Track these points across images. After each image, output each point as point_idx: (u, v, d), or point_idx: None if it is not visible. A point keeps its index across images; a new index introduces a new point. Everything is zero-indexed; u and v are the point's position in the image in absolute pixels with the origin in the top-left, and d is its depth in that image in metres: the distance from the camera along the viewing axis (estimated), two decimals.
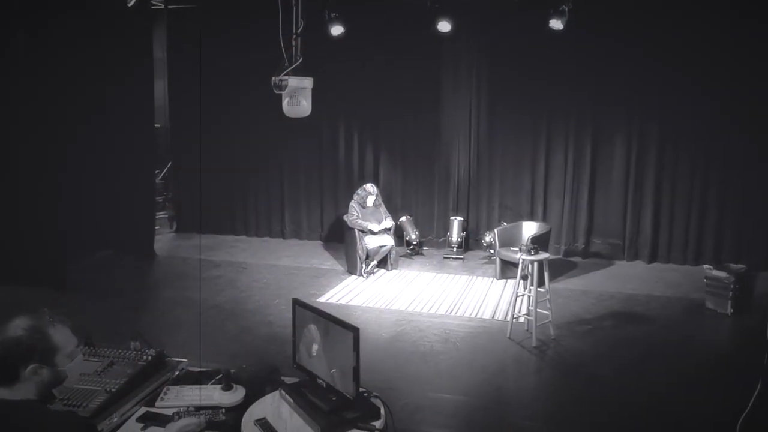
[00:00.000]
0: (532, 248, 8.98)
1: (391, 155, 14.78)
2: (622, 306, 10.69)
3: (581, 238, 13.75)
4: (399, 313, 10.37)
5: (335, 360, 4.32)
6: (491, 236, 13.07)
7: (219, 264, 13.23)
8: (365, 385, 4.44)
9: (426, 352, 8.72)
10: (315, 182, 15.33)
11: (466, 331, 9.51)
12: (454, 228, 13.83)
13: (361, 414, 4.18)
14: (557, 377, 8.12)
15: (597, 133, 13.43)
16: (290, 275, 12.46)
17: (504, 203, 14.19)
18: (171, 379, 4.85)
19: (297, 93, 8.00)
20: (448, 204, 14.53)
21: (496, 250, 12.32)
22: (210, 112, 15.31)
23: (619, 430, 6.75)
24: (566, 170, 13.69)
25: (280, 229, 15.71)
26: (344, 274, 12.50)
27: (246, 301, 10.87)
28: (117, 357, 4.94)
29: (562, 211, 13.81)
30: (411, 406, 7.10)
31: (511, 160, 14.04)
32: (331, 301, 10.87)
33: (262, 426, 4.11)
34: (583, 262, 13.49)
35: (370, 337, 9.17)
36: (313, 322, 4.52)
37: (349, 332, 4.17)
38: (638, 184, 13.32)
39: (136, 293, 11.39)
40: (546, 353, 8.75)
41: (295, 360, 4.75)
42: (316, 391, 4.41)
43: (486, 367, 8.26)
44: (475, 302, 10.89)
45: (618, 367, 8.26)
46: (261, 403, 4.45)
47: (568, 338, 9.22)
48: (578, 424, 6.82)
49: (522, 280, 9.48)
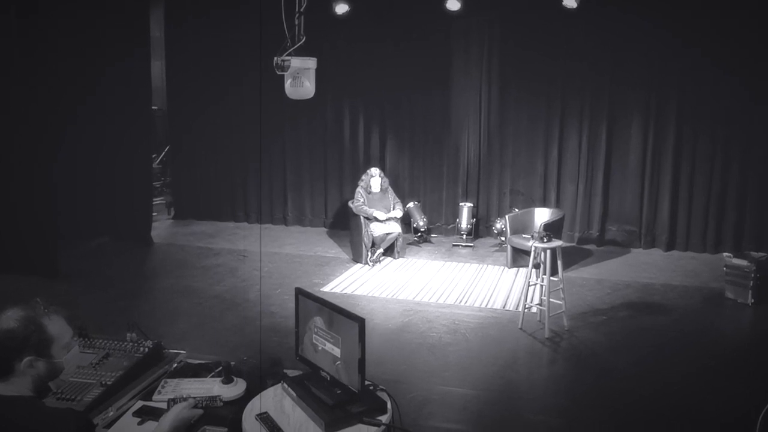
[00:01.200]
0: (544, 235, 8.96)
1: (398, 138, 14.76)
2: (638, 296, 10.67)
3: (596, 224, 13.72)
4: (406, 303, 10.36)
5: (340, 352, 4.32)
6: (502, 223, 13.07)
7: (219, 252, 13.24)
8: (371, 378, 4.43)
9: (434, 344, 8.71)
10: (319, 167, 15.32)
11: (476, 322, 9.50)
12: (463, 214, 13.80)
13: (366, 408, 4.17)
14: (570, 370, 8.11)
15: (613, 115, 13.39)
16: (293, 263, 12.46)
17: (515, 188, 14.16)
18: (169, 372, 4.85)
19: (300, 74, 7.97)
20: (457, 189, 14.51)
21: (508, 238, 12.30)
22: (209, 93, 15.30)
23: (634, 424, 6.74)
24: (580, 154, 13.65)
25: (282, 216, 15.71)
26: (349, 263, 12.49)
27: (247, 290, 10.87)
28: (112, 349, 4.94)
29: (576, 196, 13.78)
30: (418, 400, 7.10)
31: (523, 144, 14.02)
32: (336, 291, 10.87)
33: (264, 420, 4.11)
34: (597, 249, 13.46)
35: (376, 328, 9.17)
36: (317, 312, 4.52)
37: (355, 323, 4.16)
38: (655, 169, 13.29)
39: (132, 282, 11.39)
40: (559, 345, 8.75)
41: (298, 352, 4.75)
42: (320, 385, 4.40)
43: (496, 359, 8.26)
44: (486, 292, 10.88)
45: (634, 360, 8.25)
46: (262, 396, 4.43)
47: (582, 329, 9.21)
48: (592, 419, 6.82)
49: (534, 269, 9.46)
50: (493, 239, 13.96)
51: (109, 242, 13.69)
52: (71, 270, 11.50)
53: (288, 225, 15.63)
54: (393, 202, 12.93)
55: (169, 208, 16.58)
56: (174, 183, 16.52)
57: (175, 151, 16.27)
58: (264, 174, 15.65)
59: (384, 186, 12.88)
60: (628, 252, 13.32)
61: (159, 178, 16.62)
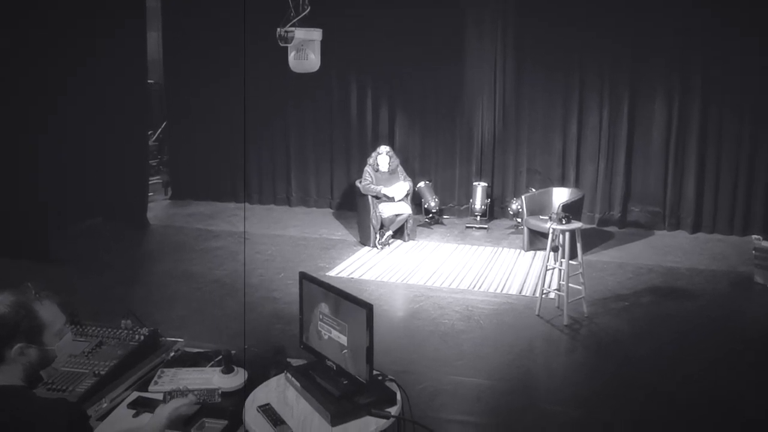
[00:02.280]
0: (563, 217, 8.92)
1: (408, 114, 14.72)
2: (662, 280, 10.64)
3: (617, 205, 13.68)
4: (417, 288, 10.35)
5: (347, 340, 4.30)
6: (518, 204, 13.04)
7: (218, 234, 13.25)
8: (379, 368, 4.42)
9: (446, 331, 8.70)
10: (324, 144, 15.31)
11: (490, 308, 9.49)
12: (477, 194, 13.78)
13: (374, 399, 4.16)
14: (590, 358, 8.10)
15: (635, 90, 13.32)
16: (297, 246, 12.46)
17: (532, 167, 14.14)
18: (166, 361, 4.84)
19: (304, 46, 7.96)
20: (470, 168, 14.48)
21: (524, 219, 12.28)
22: (208, 66, 15.27)
23: (658, 415, 6.72)
24: (601, 130, 13.60)
25: (285, 196, 15.71)
26: (356, 246, 12.49)
27: (248, 275, 10.88)
28: (106, 336, 4.94)
29: (597, 175, 13.74)
30: (430, 391, 7.09)
31: (541, 120, 13.97)
32: (342, 275, 10.87)
33: (266, 413, 4.09)
34: (619, 232, 13.44)
35: (385, 315, 9.17)
36: (323, 298, 4.50)
37: (362, 309, 4.14)
38: (680, 146, 13.22)
39: (127, 266, 11.41)
40: (578, 332, 8.73)
41: (302, 340, 4.73)
42: (325, 374, 4.39)
43: (512, 347, 8.24)
44: (501, 276, 10.86)
45: (657, 348, 8.23)
46: (265, 387, 4.44)
47: (603, 316, 9.19)
48: (613, 409, 6.80)
49: (552, 252, 9.42)
50: (509, 221, 13.96)
51: (103, 224, 13.70)
52: (62, 253, 11.50)
53: (292, 206, 15.63)
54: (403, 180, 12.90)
55: (166, 187, 16.59)
56: (171, 161, 16.52)
57: (172, 128, 16.27)
58: (266, 152, 15.65)
59: (393, 165, 12.77)
60: (652, 234, 13.29)
61: (155, 156, 16.61)
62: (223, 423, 4.13)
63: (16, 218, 11.17)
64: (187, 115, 15.81)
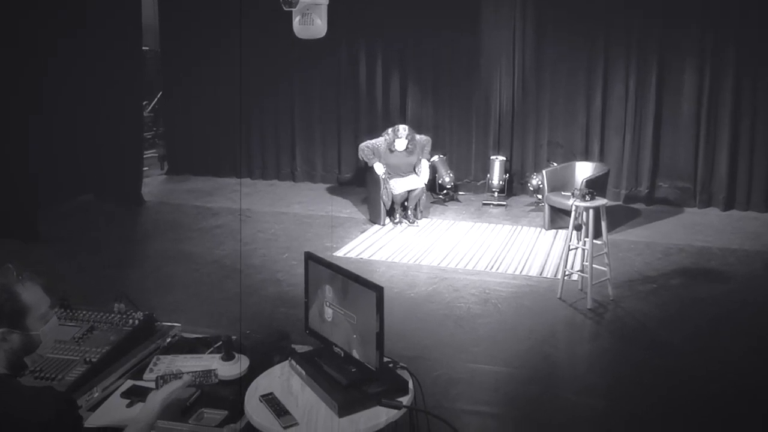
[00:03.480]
0: (586, 193, 8.90)
1: (421, 84, 14.67)
2: (692, 261, 10.61)
3: (645, 181, 13.65)
4: (430, 269, 10.35)
5: (355, 325, 4.29)
6: (539, 179, 13.01)
7: (218, 212, 13.26)
8: (390, 354, 4.41)
9: (462, 316, 8.69)
10: (331, 116, 15.29)
11: (509, 291, 9.48)
12: (495, 169, 13.74)
13: (385, 388, 4.15)
14: (616, 345, 8.07)
15: (664, 58, 13.25)
16: (302, 225, 12.47)
17: (554, 140, 14.11)
18: (161, 348, 4.85)
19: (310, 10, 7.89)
20: (488, 141, 14.46)
21: (545, 196, 12.24)
22: (207, 32, 15.24)
23: (688, 406, 6.70)
24: (627, 101, 13.55)
25: (290, 171, 15.71)
26: (366, 224, 12.48)
27: (250, 255, 10.88)
28: (98, 321, 4.94)
29: (623, 149, 13.71)
30: (444, 379, 7.08)
31: (563, 90, 13.94)
32: (350, 256, 10.88)
33: (269, 402, 4.08)
34: (646, 209, 13.41)
35: (396, 298, 9.15)
36: (330, 280, 4.48)
37: (372, 292, 4.12)
38: (712, 118, 13.16)
39: (120, 246, 11.44)
40: (603, 317, 8.71)
41: (307, 325, 4.73)
42: (332, 362, 4.38)
43: (532, 332, 8.23)
44: (520, 257, 10.85)
45: (687, 333, 8.20)
46: (268, 375, 4.44)
47: (629, 299, 9.16)
48: (640, 400, 6.78)
49: (575, 231, 9.39)
50: (529, 197, 13.95)
51: (94, 201, 13.72)
52: (51, 233, 11.54)
53: (296, 181, 15.63)
54: (417, 163, 12.69)
55: (162, 162, 16.60)
56: (167, 134, 16.53)
57: (168, 98, 16.26)
58: (269, 124, 15.64)
59: (411, 148, 12.60)
60: (681, 212, 13.26)
61: (150, 128, 16.62)
62: (222, 413, 4.12)
63: (3, 195, 11.17)
64: (184, 85, 15.79)
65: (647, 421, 6.41)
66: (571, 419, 6.47)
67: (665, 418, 6.47)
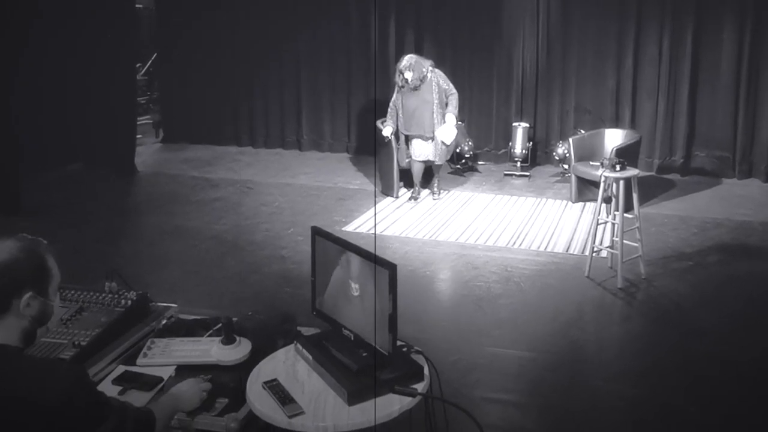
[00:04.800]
0: (617, 163, 8.86)
1: (438, 44, 14.62)
2: (731, 237, 10.60)
3: (680, 150, 13.61)
4: (447, 245, 10.36)
5: (366, 306, 4.27)
6: (565, 148, 12.98)
7: (218, 183, 13.27)
8: (404, 338, 4.39)
9: (482, 296, 8.69)
10: (341, 79, 15.29)
11: (532, 269, 9.47)
12: (517, 137, 13.73)
13: (399, 374, 4.11)
14: (648, 327, 8.07)
15: (700, 17, 13.20)
16: (308, 197, 12.48)
17: (581, 105, 14.09)
18: (156, 330, 4.83)
19: None
20: (510, 107, 14.44)
21: (572, 166, 12.23)
22: None
23: (726, 394, 6.68)
24: (660, 63, 13.51)
25: (295, 139, 15.71)
26: (378, 196, 12.48)
27: (252, 230, 10.91)
28: (87, 301, 4.91)
29: (656, 115, 13.67)
30: (463, 365, 7.08)
31: (591, 51, 13.90)
32: (361, 231, 10.90)
33: (273, 389, 4.06)
34: (681, 180, 13.39)
35: (410, 277, 9.15)
36: (338, 257, 4.47)
37: (385, 270, 4.09)
38: (753, 81, 13.13)
39: (112, 219, 11.46)
40: (635, 297, 8.70)
41: (314, 306, 4.71)
42: (341, 346, 4.36)
43: (558, 314, 8.23)
44: (545, 232, 10.84)
45: (725, 315, 8.19)
46: (271, 360, 4.41)
47: (663, 278, 9.15)
48: (675, 387, 6.77)
49: (604, 204, 9.38)
50: (554, 167, 13.96)
51: (83, 171, 13.73)
52: (36, 204, 11.55)
53: (302, 150, 15.64)
54: (439, 106, 11.91)
55: (157, 129, 16.62)
56: (163, 98, 16.52)
57: (164, 60, 16.24)
58: (273, 88, 15.62)
59: (423, 76, 11.76)
60: (719, 183, 13.24)
61: (144, 92, 16.62)
62: (222, 401, 4.11)
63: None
64: (181, 45, 15.76)
65: (682, 410, 6.39)
66: (600, 408, 6.46)
67: (701, 408, 6.44)
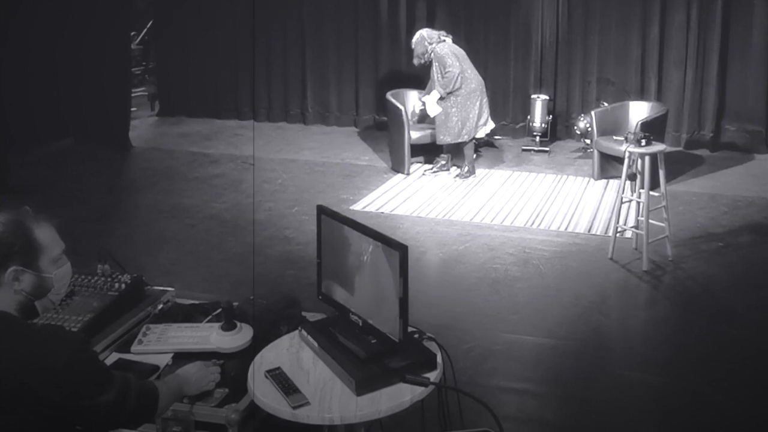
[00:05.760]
0: (642, 137, 8.84)
1: (451, 10, 14.59)
2: (763, 216, 10.58)
3: (709, 123, 13.57)
4: (462, 225, 10.35)
5: (375, 290, 4.27)
6: (587, 121, 12.95)
7: (217, 159, 13.28)
8: (416, 324, 4.39)
9: (498, 279, 8.69)
10: (349, 48, 15.26)
11: (552, 250, 9.47)
12: (536, 110, 13.70)
13: (410, 362, 4.11)
14: (676, 312, 8.07)
15: None
16: (314, 174, 12.49)
17: (604, 76, 14.05)
18: (152, 315, 4.83)
19: None
20: (528, 78, 14.42)
21: (594, 140, 12.20)
22: None
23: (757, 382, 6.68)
24: (689, 31, 13.43)
25: (300, 112, 15.70)
26: (387, 173, 12.48)
27: (254, 209, 10.90)
28: (79, 285, 4.91)
29: (684, 86, 13.62)
30: (478, 352, 7.09)
31: (615, 17, 13.86)
32: (370, 209, 10.90)
33: (276, 378, 4.06)
34: (711, 156, 13.35)
35: (422, 259, 9.19)
36: (346, 237, 4.45)
37: (395, 252, 4.08)
38: None
39: (104, 198, 11.48)
40: (661, 280, 8.70)
41: (320, 289, 4.70)
42: (349, 332, 4.35)
43: (579, 298, 8.22)
44: (565, 211, 10.84)
45: (758, 299, 8.18)
46: (274, 347, 4.41)
47: (691, 260, 9.14)
48: (704, 376, 6.77)
49: (629, 181, 9.37)
50: (575, 142, 13.93)
51: (75, 146, 13.73)
52: (24, 182, 11.56)
53: (307, 123, 15.63)
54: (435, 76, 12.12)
55: (153, 101, 16.61)
56: (159, 69, 16.51)
57: (160, 28, 16.22)
58: (276, 57, 15.60)
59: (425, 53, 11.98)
60: (751, 159, 13.20)
61: (139, 62, 16.60)
62: (222, 391, 4.11)
63: None
64: (179, 12, 15.75)
65: (712, 400, 6.39)
66: (624, 399, 6.46)
67: (732, 397, 6.44)
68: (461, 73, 11.72)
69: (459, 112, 11.82)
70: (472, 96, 11.85)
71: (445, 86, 11.78)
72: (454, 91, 11.75)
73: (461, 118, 11.82)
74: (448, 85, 11.72)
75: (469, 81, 11.85)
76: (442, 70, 11.83)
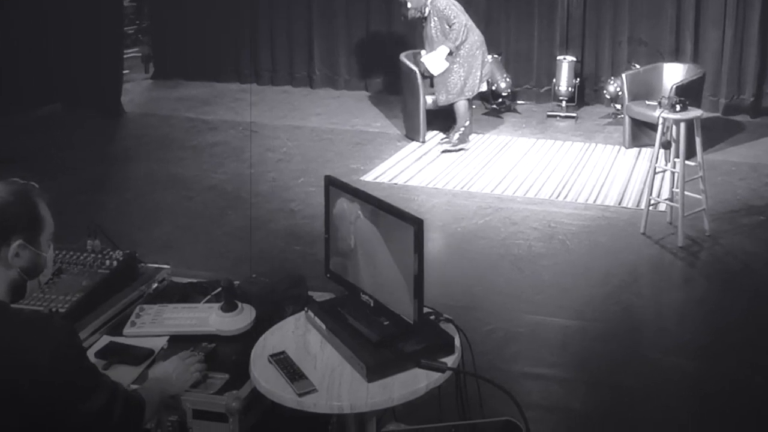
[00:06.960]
0: (677, 102, 8.81)
1: None
2: None
3: (750, 87, 13.54)
4: (482, 197, 10.35)
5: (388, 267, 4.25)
6: (617, 85, 12.91)
7: (217, 126, 13.29)
8: (432, 304, 4.39)
9: (521, 255, 8.69)
10: (359, 5, 15.22)
11: (579, 224, 9.46)
12: (562, 73, 13.68)
13: (425, 346, 4.10)
14: (714, 292, 8.06)
15: None
16: (321, 142, 12.50)
17: (636, 36, 14.02)
18: (146, 295, 4.83)
19: None
20: (554, 38, 14.41)
21: (625, 106, 12.17)
22: None
23: None
24: None
25: (306, 74, 15.71)
26: (401, 141, 12.48)
27: (257, 179, 10.91)
28: (67, 262, 4.92)
29: (722, 47, 13.58)
30: (499, 335, 7.09)
31: None
32: (382, 180, 10.92)
33: (281, 363, 4.05)
34: (752, 122, 13.33)
35: (439, 233, 9.20)
36: (356, 211, 4.44)
37: (409, 226, 4.07)
38: None
39: (95, 168, 11.49)
40: (697, 256, 8.69)
41: (328, 267, 4.70)
42: (359, 313, 4.35)
43: (609, 276, 8.22)
44: (594, 182, 10.83)
45: None
46: (279, 329, 4.41)
47: (730, 235, 9.12)
48: (743, 360, 6.75)
49: (663, 150, 9.34)
50: (605, 108, 13.92)
51: (63, 112, 13.74)
52: (9, 150, 11.53)
53: (314, 87, 15.64)
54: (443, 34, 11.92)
55: (147, 63, 16.63)
56: (154, 28, 16.50)
57: None
58: (280, 16, 15.59)
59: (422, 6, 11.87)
60: None
61: (132, 21, 16.60)
62: (223, 377, 4.10)
63: None
64: None
65: (751, 385, 6.39)
66: (657, 384, 6.44)
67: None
68: (466, 22, 11.71)
69: (461, 67, 11.80)
70: (474, 48, 11.85)
71: (455, 39, 11.69)
72: (460, 45, 11.73)
73: (464, 74, 11.81)
74: (458, 37, 11.65)
75: (473, 32, 11.85)
76: (447, 23, 11.75)
